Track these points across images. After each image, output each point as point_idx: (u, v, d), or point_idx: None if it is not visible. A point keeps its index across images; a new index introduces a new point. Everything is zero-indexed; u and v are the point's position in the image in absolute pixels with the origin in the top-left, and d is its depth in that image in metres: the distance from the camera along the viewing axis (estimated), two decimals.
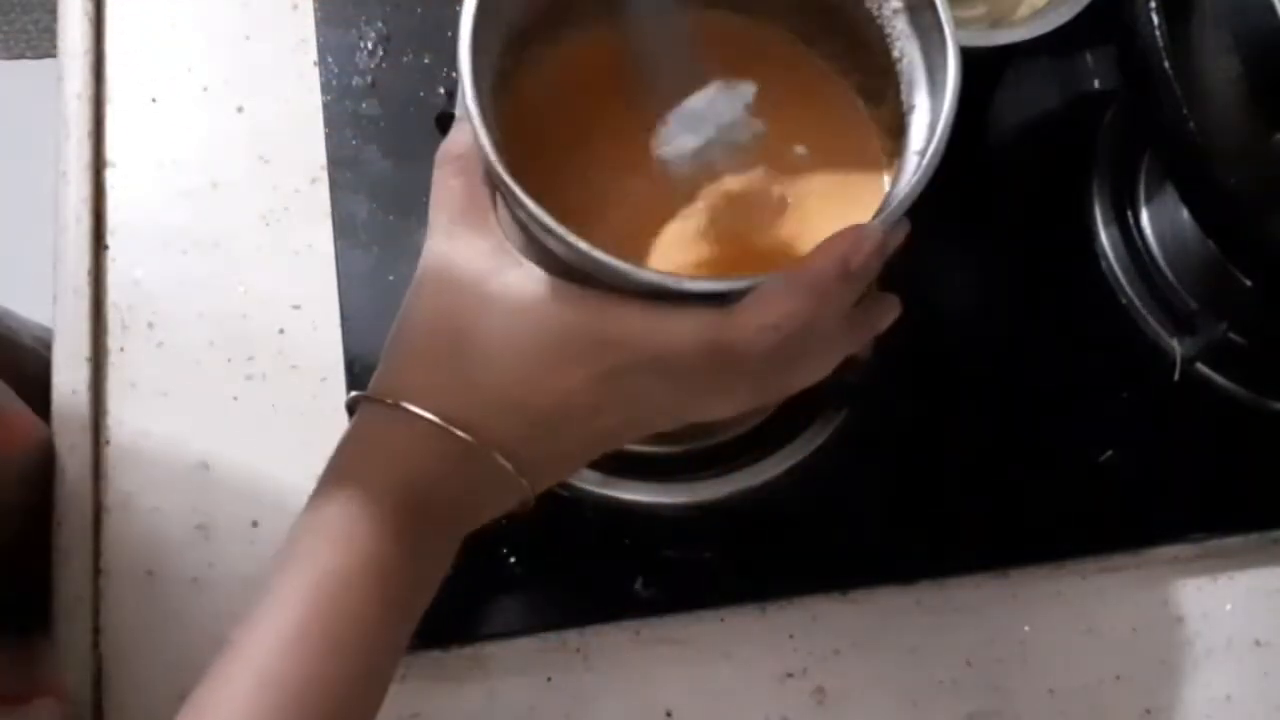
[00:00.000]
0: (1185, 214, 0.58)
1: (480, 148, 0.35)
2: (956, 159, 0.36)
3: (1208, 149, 0.48)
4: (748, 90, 0.37)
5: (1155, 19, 0.48)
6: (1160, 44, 0.48)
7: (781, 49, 0.42)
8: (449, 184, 0.39)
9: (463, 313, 0.38)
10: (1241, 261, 0.54)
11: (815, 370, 0.40)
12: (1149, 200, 0.62)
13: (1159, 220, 0.61)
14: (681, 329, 0.36)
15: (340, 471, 0.39)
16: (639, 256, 0.36)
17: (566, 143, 0.41)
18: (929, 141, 0.35)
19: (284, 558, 0.38)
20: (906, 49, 0.38)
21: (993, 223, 0.62)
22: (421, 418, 0.37)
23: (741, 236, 0.40)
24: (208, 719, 0.36)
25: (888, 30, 0.38)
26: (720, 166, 0.38)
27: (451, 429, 0.37)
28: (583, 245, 0.34)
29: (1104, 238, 0.62)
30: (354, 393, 0.39)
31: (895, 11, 0.38)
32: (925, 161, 0.35)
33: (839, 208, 0.40)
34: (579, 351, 0.36)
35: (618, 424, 0.39)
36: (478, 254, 0.38)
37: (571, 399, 0.37)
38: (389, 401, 0.38)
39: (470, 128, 0.35)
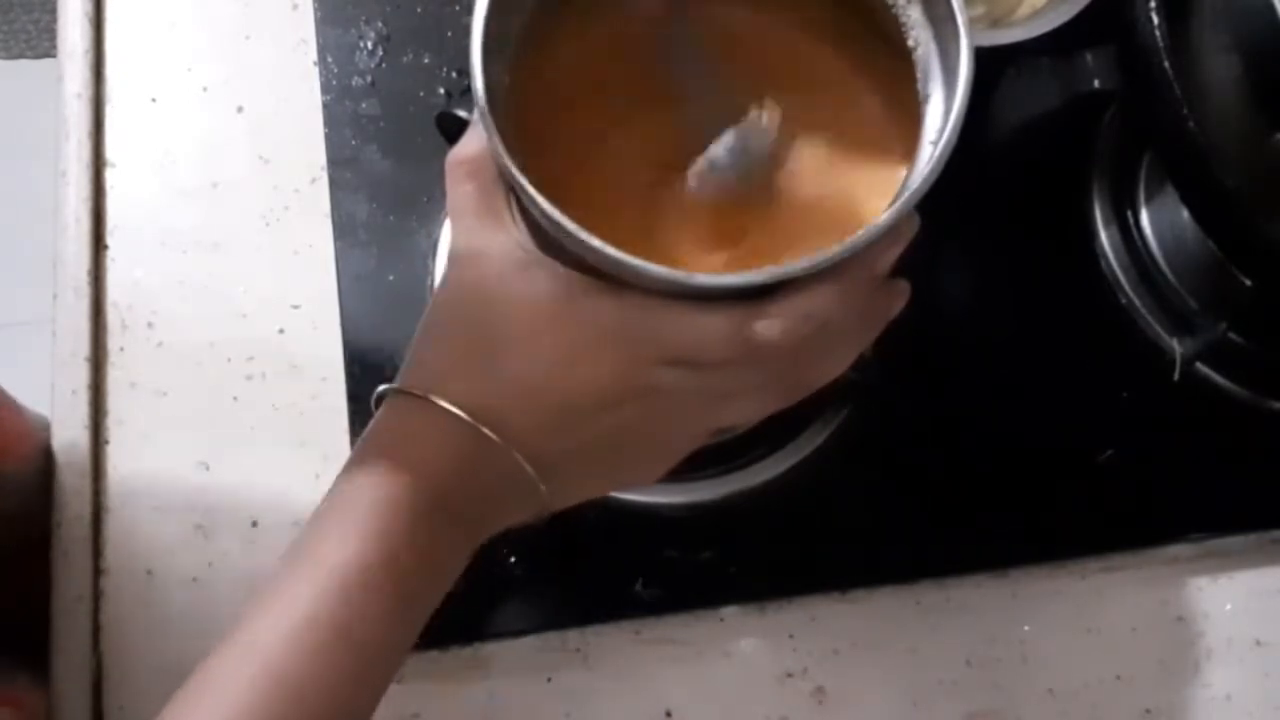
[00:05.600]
0: (1185, 214, 0.58)
1: (493, 148, 0.35)
2: (957, 158, 0.36)
3: (1208, 149, 0.48)
4: (775, 119, 0.38)
5: (1155, 19, 0.48)
6: (1160, 44, 0.48)
7: (799, 39, 0.42)
8: (462, 187, 0.39)
9: (488, 309, 0.38)
10: (1241, 261, 0.54)
11: (835, 365, 0.40)
12: (1149, 200, 0.62)
13: (1159, 220, 0.61)
14: (709, 322, 0.36)
15: (361, 465, 0.39)
16: (655, 252, 0.36)
17: (579, 139, 0.41)
18: (942, 131, 0.36)
19: (298, 546, 0.38)
20: (921, 38, 0.38)
21: (993, 222, 0.62)
22: (447, 412, 0.37)
23: (757, 230, 0.40)
24: (207, 699, 0.36)
25: (903, 20, 0.39)
26: (741, 189, 0.39)
27: (476, 425, 0.37)
28: (596, 242, 0.34)
29: (1104, 238, 0.62)
30: (382, 386, 0.40)
31: (909, 1, 0.38)
32: (938, 150, 0.35)
33: (854, 198, 0.40)
34: (603, 340, 0.37)
35: (641, 420, 0.38)
36: (500, 253, 0.38)
37: (594, 386, 0.37)
38: (417, 394, 0.38)
39: (481, 130, 0.36)
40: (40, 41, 1.57)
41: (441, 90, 0.62)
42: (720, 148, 0.38)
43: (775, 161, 0.39)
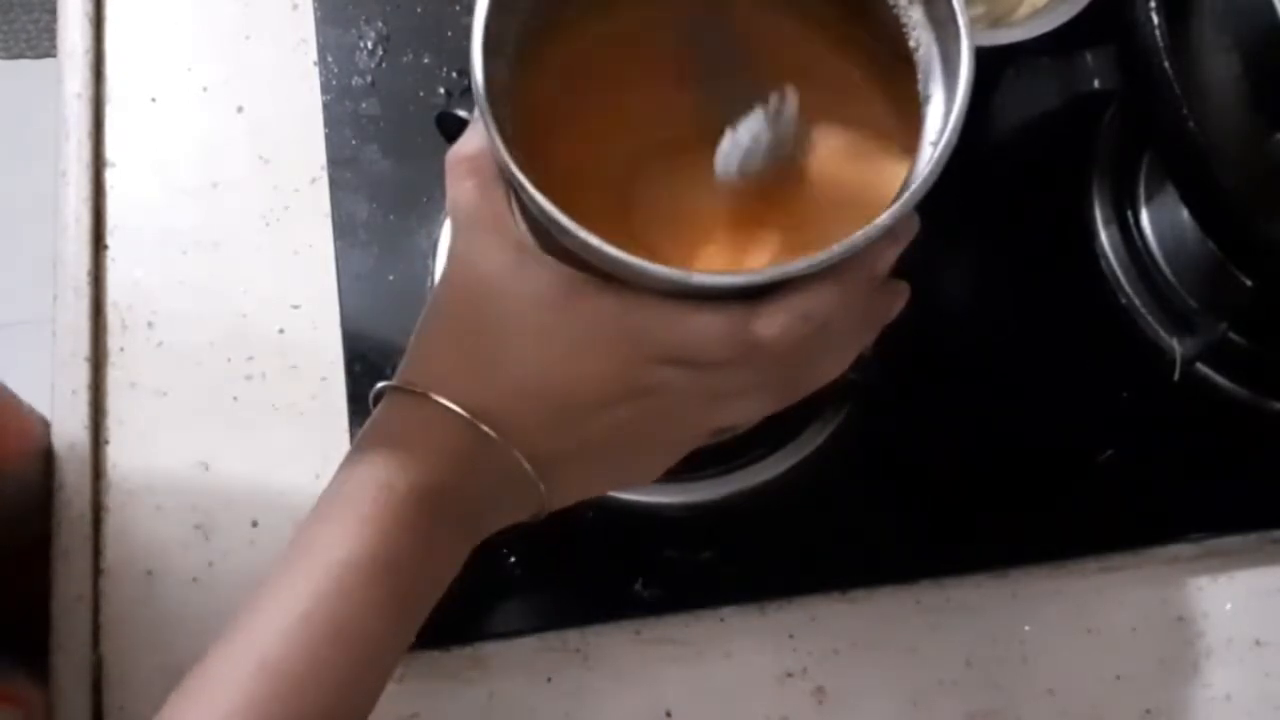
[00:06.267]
0: (1185, 214, 0.58)
1: (493, 146, 0.35)
2: (957, 158, 0.36)
3: (1208, 149, 0.48)
4: (793, 103, 0.38)
5: (1155, 19, 0.48)
6: (1160, 44, 0.48)
7: (800, 38, 0.42)
8: (463, 185, 0.39)
9: (487, 306, 0.38)
10: (1241, 261, 0.54)
11: (834, 366, 0.40)
12: (1149, 200, 0.62)
13: (1159, 220, 0.61)
14: (708, 321, 0.36)
15: (359, 462, 0.39)
16: (654, 250, 0.36)
17: (579, 138, 0.41)
18: (943, 131, 0.36)
19: (296, 543, 0.38)
20: (923, 39, 0.38)
21: (993, 223, 0.62)
22: (446, 409, 0.37)
23: (759, 229, 0.40)
24: (205, 696, 0.36)
25: (904, 20, 0.39)
26: (766, 173, 0.39)
27: (475, 421, 0.37)
28: (595, 241, 0.34)
29: (1104, 238, 0.62)
30: (381, 383, 0.40)
31: (911, 1, 0.38)
32: (938, 151, 0.35)
33: (854, 198, 0.40)
34: (602, 338, 0.37)
35: (640, 419, 0.38)
36: (499, 251, 0.38)
37: (592, 383, 0.37)
38: (416, 391, 0.38)
39: (482, 129, 0.36)
40: (40, 41, 1.57)
41: (441, 90, 0.62)
42: (745, 133, 0.38)
43: (797, 148, 0.39)
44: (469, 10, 0.36)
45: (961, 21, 0.37)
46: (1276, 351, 0.60)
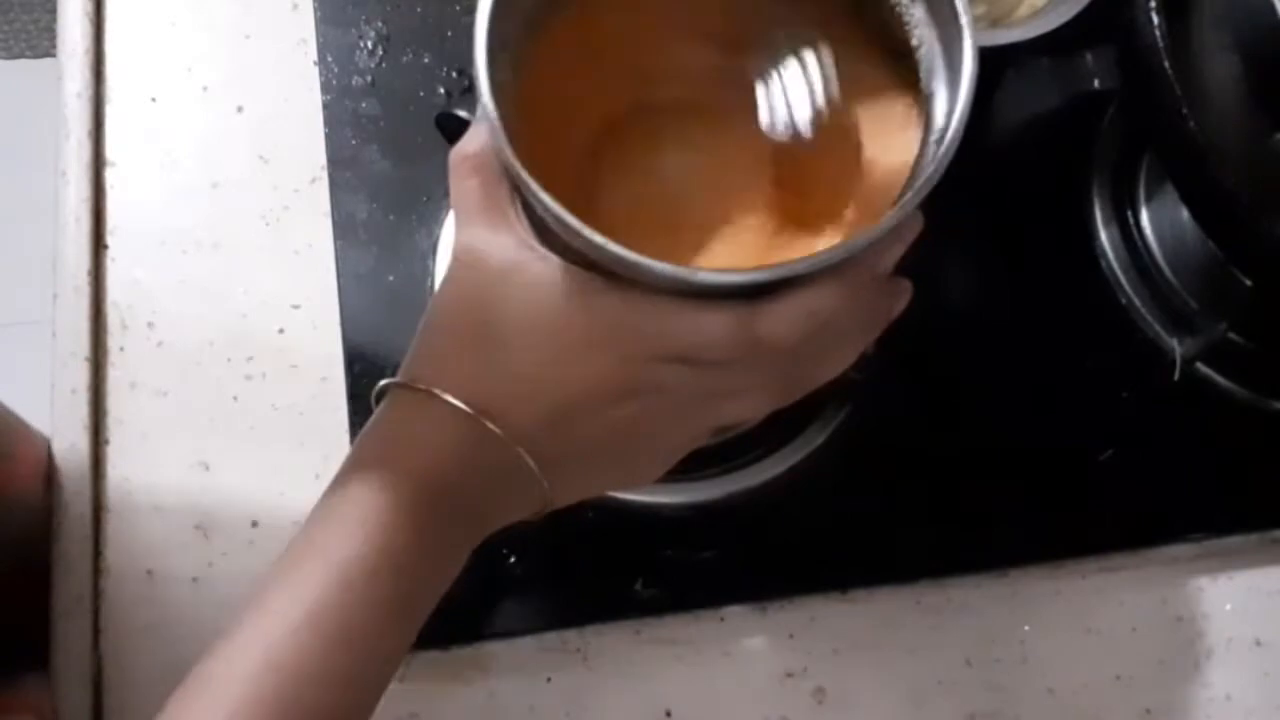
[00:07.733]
0: (1185, 214, 0.58)
1: (497, 144, 0.35)
2: (957, 158, 0.36)
3: (1208, 149, 0.48)
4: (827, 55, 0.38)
5: (1155, 19, 0.48)
6: (1160, 44, 0.48)
7: (811, 31, 0.42)
8: (466, 183, 0.39)
9: (491, 304, 0.38)
10: (1241, 261, 0.54)
11: (837, 364, 0.40)
12: (1149, 200, 0.62)
13: (1159, 220, 0.61)
14: (711, 320, 0.36)
15: (363, 459, 0.39)
16: (657, 248, 0.36)
17: (583, 134, 0.41)
18: (946, 129, 0.36)
19: (299, 542, 0.38)
20: (925, 37, 0.38)
21: (993, 223, 0.62)
22: (449, 405, 0.37)
23: (760, 226, 0.40)
24: (208, 697, 0.36)
25: (906, 19, 0.39)
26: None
27: (479, 418, 0.37)
28: (599, 239, 0.34)
29: (1104, 238, 0.62)
30: (384, 381, 0.40)
31: (913, 0, 0.38)
32: (942, 150, 0.35)
33: (856, 196, 0.40)
34: (605, 335, 0.37)
35: (642, 417, 0.38)
36: (502, 249, 0.38)
37: (595, 381, 0.37)
38: (420, 388, 0.38)
39: (485, 127, 0.36)
40: (40, 41, 1.57)
41: (441, 90, 0.62)
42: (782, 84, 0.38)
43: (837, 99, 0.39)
44: (469, 10, 0.36)
45: (964, 20, 0.36)
46: (1276, 351, 0.60)
